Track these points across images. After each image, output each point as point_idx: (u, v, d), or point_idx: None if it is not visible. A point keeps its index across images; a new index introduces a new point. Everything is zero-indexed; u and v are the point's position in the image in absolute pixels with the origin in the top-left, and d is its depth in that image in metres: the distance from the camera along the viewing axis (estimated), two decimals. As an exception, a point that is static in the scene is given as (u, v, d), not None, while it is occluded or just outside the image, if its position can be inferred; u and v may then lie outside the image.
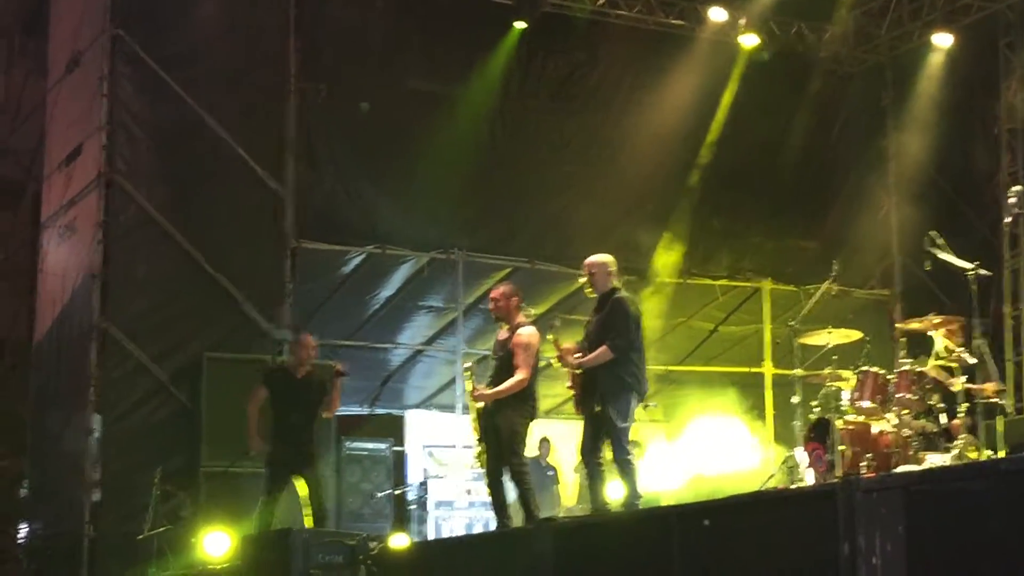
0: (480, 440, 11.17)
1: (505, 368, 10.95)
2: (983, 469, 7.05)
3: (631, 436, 14.80)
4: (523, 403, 10.97)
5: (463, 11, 16.62)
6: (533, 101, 16.87)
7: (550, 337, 11.43)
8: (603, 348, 10.74)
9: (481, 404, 11.06)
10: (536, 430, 17.41)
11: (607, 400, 10.75)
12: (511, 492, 11.13)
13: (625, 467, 10.86)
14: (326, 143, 15.98)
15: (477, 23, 16.65)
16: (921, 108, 18.22)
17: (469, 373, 11.64)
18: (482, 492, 15.77)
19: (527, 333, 10.99)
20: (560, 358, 11.09)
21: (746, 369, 18.55)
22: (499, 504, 11.28)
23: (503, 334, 11.18)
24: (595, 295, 11.14)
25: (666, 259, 17.52)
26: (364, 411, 18.34)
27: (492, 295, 11.35)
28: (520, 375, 10.83)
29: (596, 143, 17.18)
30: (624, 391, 10.80)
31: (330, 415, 13.17)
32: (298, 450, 12.43)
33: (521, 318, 11.14)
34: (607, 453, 10.92)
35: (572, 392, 11.25)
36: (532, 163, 16.70)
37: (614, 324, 10.83)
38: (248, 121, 15.39)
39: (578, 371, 10.91)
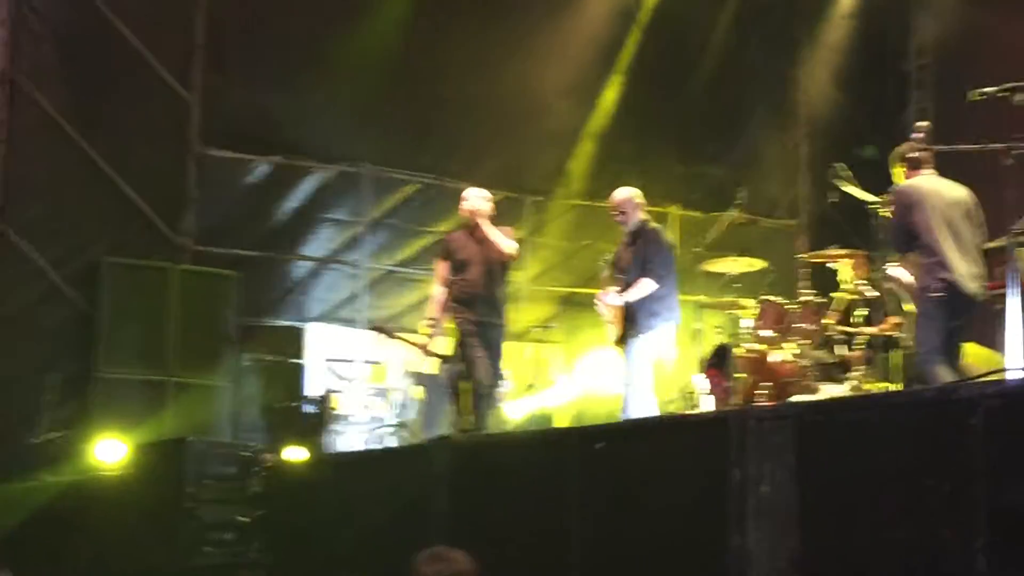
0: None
1: None
2: (873, 401, 7.19)
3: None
4: None
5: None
6: (447, 9, 16.64)
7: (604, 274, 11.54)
8: (645, 280, 10.81)
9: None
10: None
11: (644, 331, 10.86)
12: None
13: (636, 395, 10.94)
14: (235, 49, 15.74)
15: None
16: (833, 38, 18.31)
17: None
18: (380, 407, 15.83)
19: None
20: (603, 294, 11.16)
21: (650, 293, 18.62)
22: None
23: None
24: (627, 229, 11.23)
25: (574, 180, 17.54)
26: (265, 322, 18.27)
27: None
28: None
29: (510, 59, 17.01)
30: (662, 322, 10.95)
31: (512, 256, 11.82)
32: (482, 313, 11.57)
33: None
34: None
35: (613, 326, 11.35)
36: (444, 77, 16.51)
37: (652, 255, 10.91)
38: (156, 24, 15.12)
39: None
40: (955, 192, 10.01)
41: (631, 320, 11.02)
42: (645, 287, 10.88)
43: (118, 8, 14.79)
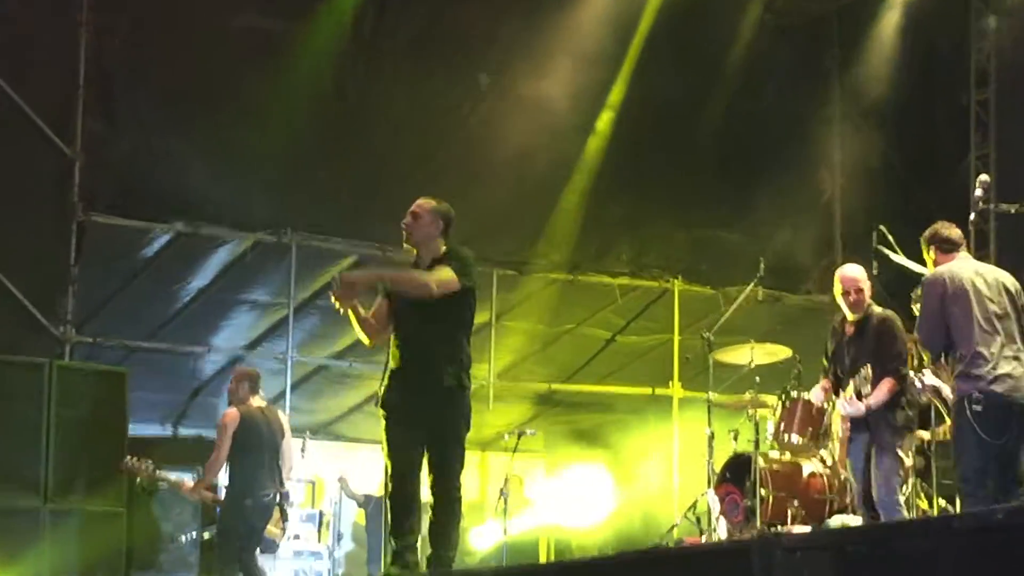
0: None
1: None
2: (931, 527, 7.10)
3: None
4: None
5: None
6: (390, 44, 16.62)
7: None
8: (890, 381, 10.67)
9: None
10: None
11: (895, 438, 10.73)
12: None
13: (893, 511, 10.80)
14: (127, 94, 15.66)
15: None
16: (874, 71, 18.34)
17: None
18: (312, 538, 15.69)
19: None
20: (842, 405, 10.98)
21: (648, 390, 18.55)
22: None
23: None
24: (854, 316, 11.05)
25: (552, 250, 17.46)
26: (166, 432, 18.18)
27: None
28: None
29: (467, 101, 17.03)
30: (908, 424, 10.85)
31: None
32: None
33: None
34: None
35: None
36: (386, 123, 16.44)
37: (890, 350, 10.81)
38: (31, 66, 15.09)
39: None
40: (997, 278, 9.95)
41: (882, 424, 10.78)
42: (891, 390, 10.71)
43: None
